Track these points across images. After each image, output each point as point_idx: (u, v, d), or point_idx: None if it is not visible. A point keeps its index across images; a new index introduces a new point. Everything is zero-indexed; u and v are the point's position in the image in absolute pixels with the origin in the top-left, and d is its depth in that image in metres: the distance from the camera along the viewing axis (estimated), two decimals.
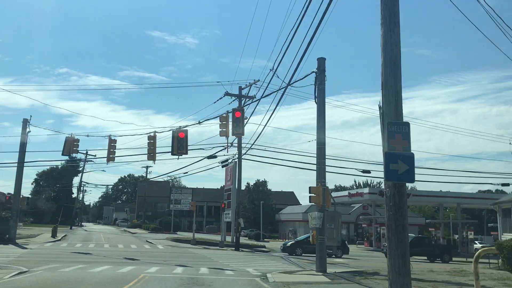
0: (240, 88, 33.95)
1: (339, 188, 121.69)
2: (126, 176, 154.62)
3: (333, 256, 30.05)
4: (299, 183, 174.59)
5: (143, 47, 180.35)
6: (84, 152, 70.11)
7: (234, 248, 32.51)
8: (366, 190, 44.10)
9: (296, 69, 17.99)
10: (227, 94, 33.88)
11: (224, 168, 37.43)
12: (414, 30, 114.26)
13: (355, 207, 67.43)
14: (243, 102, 33.95)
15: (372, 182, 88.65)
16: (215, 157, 33.93)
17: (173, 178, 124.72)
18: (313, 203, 18.02)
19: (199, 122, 23.97)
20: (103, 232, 56.15)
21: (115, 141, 26.37)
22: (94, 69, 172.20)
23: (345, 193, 49.88)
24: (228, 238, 38.00)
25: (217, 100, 33.92)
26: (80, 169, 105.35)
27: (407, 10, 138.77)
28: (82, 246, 30.27)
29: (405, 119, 8.79)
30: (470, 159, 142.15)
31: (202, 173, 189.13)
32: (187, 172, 40.83)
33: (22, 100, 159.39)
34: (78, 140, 28.23)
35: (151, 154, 24.05)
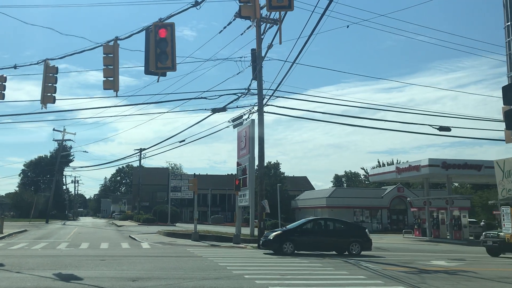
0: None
1: (351, 175, 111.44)
2: (125, 166, 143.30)
3: (345, 253, 19.02)
4: (307, 173, 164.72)
5: (141, 40, 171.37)
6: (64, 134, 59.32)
7: (257, 245, 21.45)
8: (425, 161, 32.89)
9: None
10: (238, 15, 22.61)
11: (236, 129, 26.20)
12: (413, 17, 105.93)
13: (388, 190, 56.51)
14: (264, 28, 22.82)
15: (398, 161, 77.48)
16: (225, 110, 22.82)
17: (173, 165, 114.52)
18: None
19: (197, 4, 12.74)
20: (82, 226, 45.20)
21: (55, 69, 15.34)
22: (93, 64, 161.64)
23: (391, 168, 38.70)
24: (244, 230, 27.06)
25: (224, 28, 22.80)
26: (71, 157, 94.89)
27: None
28: (19, 249, 19.34)
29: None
30: (471, 145, 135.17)
31: (204, 165, 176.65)
32: (184, 140, 29.34)
33: (23, 96, 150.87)
34: (4, 79, 17.81)
35: (109, 77, 12.95)
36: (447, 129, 24.16)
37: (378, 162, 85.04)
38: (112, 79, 12.96)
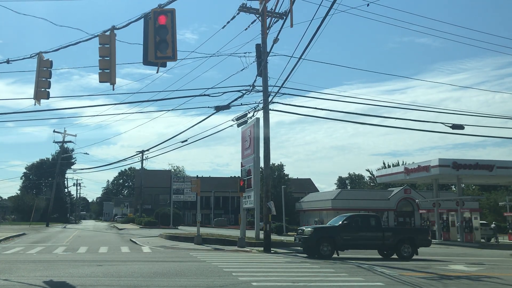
0: None
1: (355, 177, 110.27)
2: (127, 169, 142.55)
3: None
4: (311, 175, 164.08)
5: (141, 34, 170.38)
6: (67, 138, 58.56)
7: (262, 249, 20.52)
8: (435, 161, 31.82)
9: None
10: (243, 9, 21.78)
11: (240, 128, 25.26)
12: (414, 19, 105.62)
13: (395, 191, 55.43)
14: (270, 22, 21.90)
15: (404, 162, 76.36)
16: (228, 107, 21.88)
17: (175, 167, 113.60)
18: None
19: None
20: (82, 230, 44.28)
21: (49, 63, 14.42)
22: (95, 68, 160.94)
23: (399, 169, 37.68)
24: (249, 233, 26.09)
25: (227, 23, 21.95)
26: (73, 160, 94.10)
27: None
28: (13, 254, 18.45)
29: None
30: (474, 147, 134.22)
31: (207, 168, 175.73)
32: (186, 140, 28.44)
33: (25, 101, 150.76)
34: None
35: (106, 69, 12.05)
36: (460, 127, 23.19)
37: (384, 163, 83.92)
38: (108, 71, 12.05)
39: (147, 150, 56.47)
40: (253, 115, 23.05)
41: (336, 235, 18.23)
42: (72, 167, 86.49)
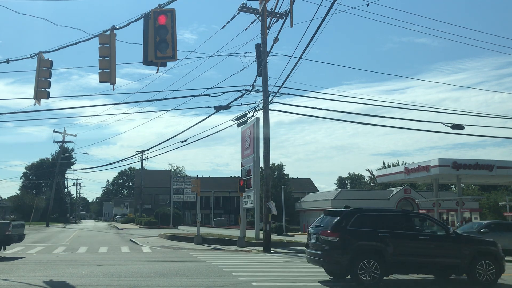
0: None
1: (355, 177, 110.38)
2: (127, 169, 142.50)
3: None
4: (310, 175, 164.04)
5: (141, 34, 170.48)
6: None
7: (262, 249, 20.51)
8: (435, 161, 31.78)
9: None
10: (243, 9, 21.78)
11: (240, 128, 25.26)
12: (414, 19, 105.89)
13: (395, 191, 55.50)
14: (270, 22, 21.89)
15: (404, 162, 76.37)
16: (228, 107, 21.89)
17: (175, 167, 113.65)
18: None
19: None
20: (82, 230, 44.28)
21: (49, 62, 14.42)
22: (94, 68, 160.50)
23: (399, 169, 37.63)
24: (249, 233, 26.09)
25: (227, 23, 21.97)
26: (73, 160, 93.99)
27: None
28: (12, 254, 18.44)
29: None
30: (474, 147, 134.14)
31: (206, 168, 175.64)
32: (186, 140, 28.43)
33: (25, 101, 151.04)
34: None
35: (105, 69, 12.05)
36: (460, 127, 23.21)
37: (384, 163, 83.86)
38: (108, 71, 12.05)
39: (147, 150, 56.62)
40: (253, 115, 23.09)
41: None
42: (72, 167, 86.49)
